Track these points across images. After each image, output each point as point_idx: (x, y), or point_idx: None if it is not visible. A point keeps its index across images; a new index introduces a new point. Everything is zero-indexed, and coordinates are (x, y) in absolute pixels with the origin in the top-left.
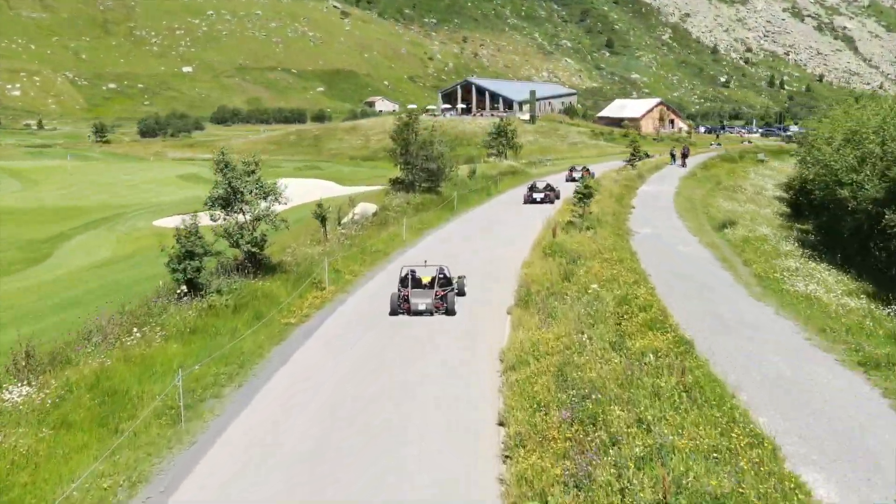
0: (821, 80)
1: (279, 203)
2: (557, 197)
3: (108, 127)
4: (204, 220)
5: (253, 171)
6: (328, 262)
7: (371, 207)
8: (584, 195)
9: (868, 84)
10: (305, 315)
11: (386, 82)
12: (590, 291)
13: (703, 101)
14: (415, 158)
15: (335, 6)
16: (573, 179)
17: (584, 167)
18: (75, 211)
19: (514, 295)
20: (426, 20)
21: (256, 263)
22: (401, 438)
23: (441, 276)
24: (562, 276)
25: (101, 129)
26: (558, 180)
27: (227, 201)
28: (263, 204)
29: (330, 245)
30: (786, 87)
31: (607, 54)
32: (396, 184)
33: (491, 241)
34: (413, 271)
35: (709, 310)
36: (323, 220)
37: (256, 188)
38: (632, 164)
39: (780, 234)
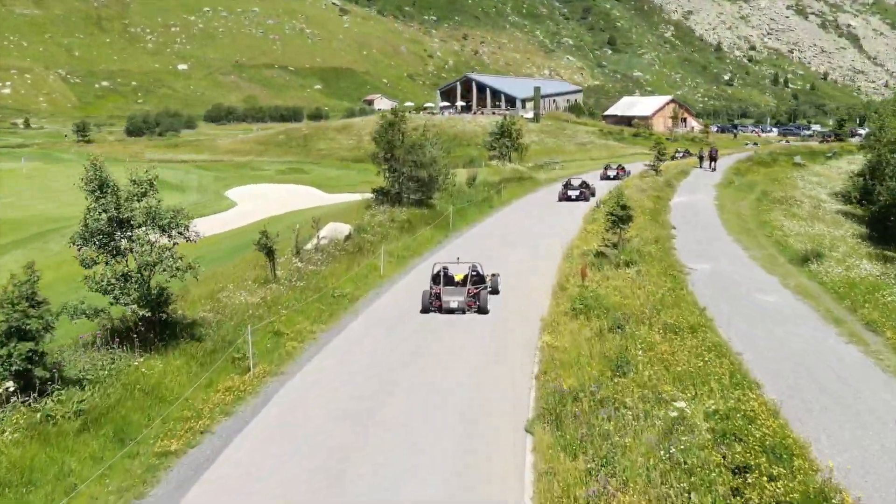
0: (825, 79)
1: (186, 238)
2: (593, 194)
3: (89, 125)
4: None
5: (144, 194)
6: (264, 323)
7: (343, 229)
8: (620, 218)
9: (873, 82)
10: (202, 430)
11: (385, 80)
12: (670, 411)
13: (706, 99)
14: (401, 165)
15: (334, 3)
16: (608, 178)
17: (620, 165)
18: (12, 224)
19: (532, 383)
20: (426, 17)
21: (153, 328)
22: None
23: (474, 273)
24: (608, 361)
25: (82, 128)
26: (586, 181)
27: (111, 238)
28: (163, 240)
29: (278, 287)
30: (790, 85)
31: (609, 52)
32: (380, 195)
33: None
34: (446, 268)
35: (883, 446)
36: (269, 252)
37: (148, 220)
38: (655, 169)
39: (889, 272)
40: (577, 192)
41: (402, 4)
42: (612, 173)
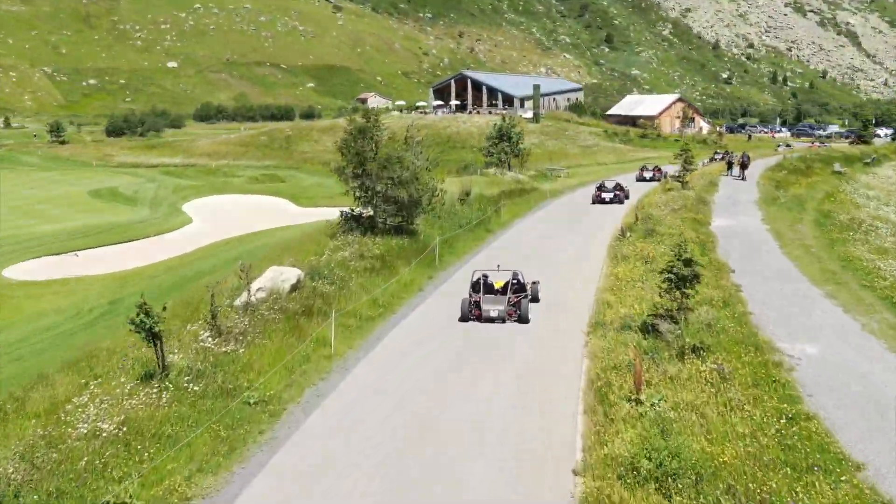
0: (824, 77)
1: None
2: (627, 197)
3: (64, 125)
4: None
5: None
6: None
7: (290, 274)
8: (684, 278)
9: (872, 80)
10: None
11: (379, 78)
12: None
13: (705, 97)
14: (375, 182)
15: (327, 0)
16: (644, 179)
17: (656, 166)
18: None
19: None
20: (421, 14)
21: None
22: None
23: (515, 281)
24: None
25: (56, 127)
26: (620, 182)
27: None
28: None
29: (160, 393)
30: (789, 83)
31: (607, 50)
32: (348, 220)
33: (500, 362)
34: (485, 276)
35: None
36: (154, 336)
37: None
38: (682, 181)
39: None
40: (611, 195)
41: (396, 2)
42: (648, 175)
